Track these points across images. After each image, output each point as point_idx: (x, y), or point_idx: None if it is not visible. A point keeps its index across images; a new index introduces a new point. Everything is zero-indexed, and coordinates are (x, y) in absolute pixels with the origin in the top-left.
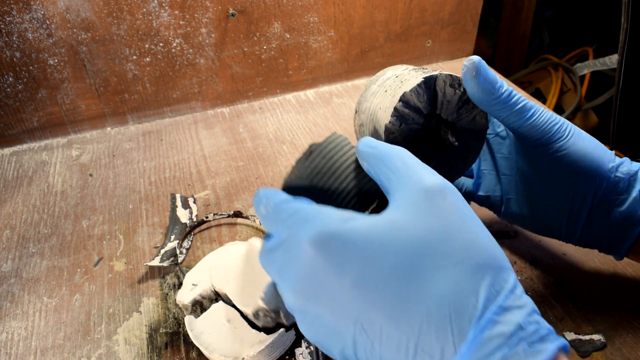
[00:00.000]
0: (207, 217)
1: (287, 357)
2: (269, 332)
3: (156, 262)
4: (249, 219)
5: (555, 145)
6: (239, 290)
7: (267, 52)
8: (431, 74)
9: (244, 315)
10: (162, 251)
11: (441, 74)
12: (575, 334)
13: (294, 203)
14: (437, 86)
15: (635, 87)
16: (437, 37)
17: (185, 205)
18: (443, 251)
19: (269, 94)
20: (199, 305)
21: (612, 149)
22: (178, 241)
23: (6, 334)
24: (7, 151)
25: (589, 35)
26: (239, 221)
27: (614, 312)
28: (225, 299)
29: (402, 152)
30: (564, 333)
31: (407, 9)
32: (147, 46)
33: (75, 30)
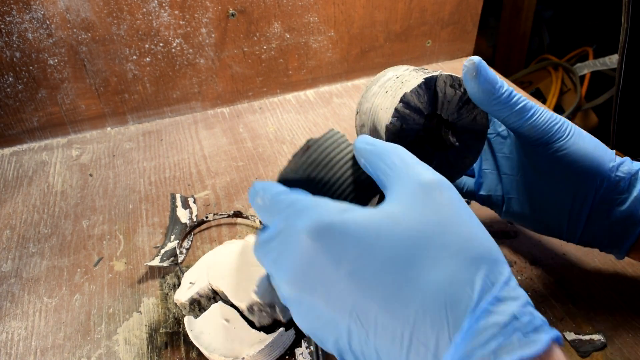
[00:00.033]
0: (207, 217)
1: (287, 357)
2: (268, 331)
3: (156, 262)
4: (249, 219)
5: (556, 145)
6: (234, 286)
7: (267, 52)
8: (431, 75)
9: (243, 315)
10: (162, 251)
11: (441, 74)
12: (575, 334)
13: (291, 194)
14: (438, 87)
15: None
16: (437, 37)
17: (185, 205)
18: (439, 243)
19: (269, 94)
20: (197, 304)
21: (612, 149)
22: (178, 241)
23: (6, 334)
24: (7, 151)
25: (589, 35)
26: (239, 221)
27: (614, 312)
28: (222, 296)
29: (399, 149)
30: (564, 333)
31: (407, 9)
32: (147, 46)
33: (75, 30)
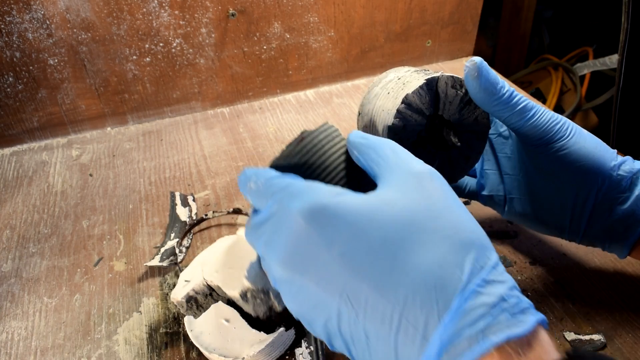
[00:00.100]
0: (206, 215)
1: (287, 357)
2: (268, 331)
3: (155, 261)
4: (248, 215)
5: (557, 145)
6: (226, 278)
7: (267, 52)
8: (433, 76)
9: (243, 314)
10: (162, 250)
11: (443, 75)
12: (575, 334)
13: (285, 178)
14: (439, 87)
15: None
16: (437, 37)
17: (185, 204)
18: (430, 227)
19: (269, 94)
20: (194, 302)
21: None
22: (178, 240)
23: (6, 334)
24: (7, 151)
25: (589, 35)
26: (238, 221)
27: (614, 312)
28: (217, 291)
29: (391, 142)
30: (564, 333)
31: (407, 9)
32: (147, 46)
33: (75, 30)
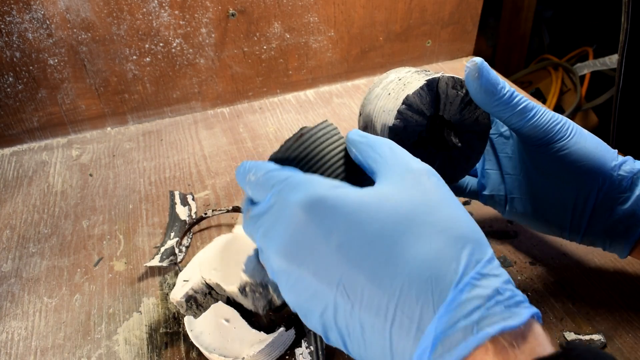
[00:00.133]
0: (206, 214)
1: (287, 357)
2: (268, 331)
3: (155, 261)
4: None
5: (558, 145)
6: (224, 274)
7: (267, 52)
8: (434, 76)
9: (243, 314)
10: (162, 249)
11: (443, 76)
12: (575, 334)
13: (284, 171)
14: (440, 88)
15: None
16: (437, 37)
17: (184, 203)
18: (427, 221)
19: (269, 94)
20: (193, 301)
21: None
22: (177, 239)
23: (6, 334)
24: (7, 151)
25: (589, 35)
26: (238, 220)
27: (614, 312)
28: (216, 289)
29: (389, 141)
30: (564, 333)
31: (407, 9)
32: (147, 46)
33: (75, 30)
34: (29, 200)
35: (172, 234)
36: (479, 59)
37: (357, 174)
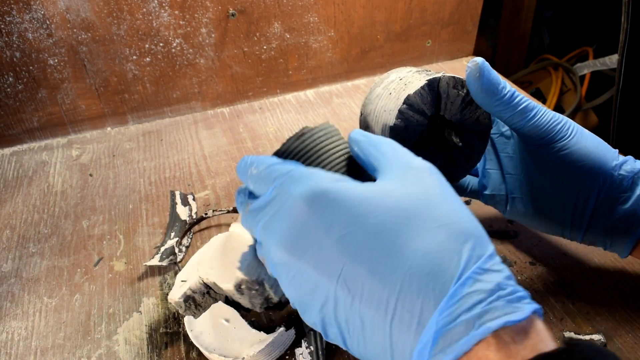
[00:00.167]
0: (206, 214)
1: (287, 357)
2: (268, 331)
3: (155, 261)
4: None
5: (559, 145)
6: (221, 272)
7: (267, 52)
8: (435, 76)
9: (243, 314)
10: (162, 249)
11: (444, 75)
12: (575, 334)
13: (286, 165)
14: (441, 88)
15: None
16: (437, 37)
17: (185, 203)
18: (428, 216)
19: (269, 94)
20: (191, 301)
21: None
22: (177, 239)
23: (6, 334)
24: (7, 151)
25: (589, 35)
26: (238, 221)
27: (614, 312)
28: (214, 288)
29: (391, 141)
30: (564, 333)
31: (407, 9)
32: (147, 46)
33: (75, 30)
34: (29, 200)
35: (173, 234)
36: (480, 59)
37: (358, 173)
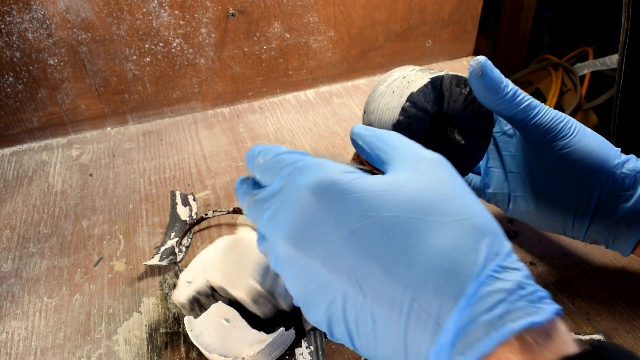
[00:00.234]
0: (206, 215)
1: (287, 357)
2: (268, 331)
3: (155, 260)
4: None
5: (561, 143)
6: (231, 279)
7: (267, 52)
8: (438, 74)
9: (243, 314)
10: (162, 249)
11: (447, 74)
12: (575, 334)
13: (294, 154)
14: (444, 86)
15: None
16: (437, 37)
17: (185, 203)
18: (444, 210)
19: (269, 94)
20: (196, 303)
21: None
22: (177, 239)
23: (6, 334)
24: (7, 151)
25: (589, 35)
26: (239, 221)
27: (614, 312)
28: (220, 292)
29: (397, 133)
30: None
31: (407, 9)
32: (147, 46)
33: (75, 30)
34: (29, 200)
35: (173, 234)
36: (482, 58)
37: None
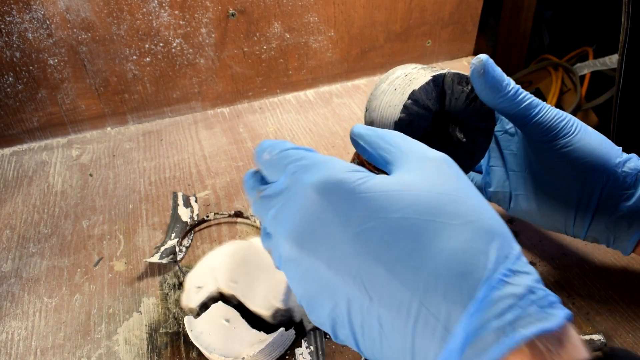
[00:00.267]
0: (207, 217)
1: (287, 357)
2: (268, 331)
3: (155, 258)
4: (249, 219)
5: (562, 141)
6: (249, 292)
7: (267, 52)
8: (440, 72)
9: (243, 315)
10: (162, 248)
11: (449, 72)
12: None
13: (301, 150)
14: (446, 84)
15: (635, 87)
16: (437, 37)
17: (187, 204)
18: (452, 211)
19: (269, 94)
20: (205, 308)
21: None
22: (178, 239)
23: (6, 334)
24: (7, 151)
25: (589, 35)
26: (239, 221)
27: (614, 312)
28: (233, 300)
29: (399, 132)
30: None
31: (407, 9)
32: (147, 46)
33: (75, 30)
34: (29, 200)
35: (173, 235)
36: (484, 56)
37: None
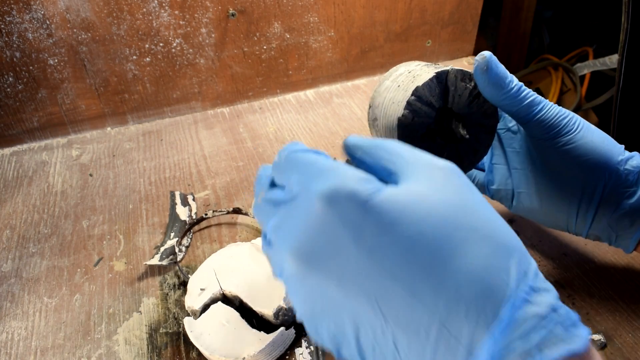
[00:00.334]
0: (206, 214)
1: (287, 357)
2: (268, 331)
3: (155, 260)
4: (248, 215)
5: (565, 139)
6: (253, 294)
7: (267, 52)
8: (443, 69)
9: (243, 315)
10: (162, 249)
11: (452, 69)
12: None
13: (310, 154)
14: (449, 81)
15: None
16: (437, 37)
17: (185, 203)
18: (467, 225)
19: (269, 94)
20: (206, 308)
21: None
22: (177, 239)
23: (6, 334)
24: (7, 151)
25: (589, 35)
26: (238, 221)
27: (614, 312)
28: (235, 301)
29: (398, 142)
30: None
31: (407, 9)
32: (147, 46)
33: (75, 30)
34: (29, 200)
35: (172, 234)
36: (487, 53)
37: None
